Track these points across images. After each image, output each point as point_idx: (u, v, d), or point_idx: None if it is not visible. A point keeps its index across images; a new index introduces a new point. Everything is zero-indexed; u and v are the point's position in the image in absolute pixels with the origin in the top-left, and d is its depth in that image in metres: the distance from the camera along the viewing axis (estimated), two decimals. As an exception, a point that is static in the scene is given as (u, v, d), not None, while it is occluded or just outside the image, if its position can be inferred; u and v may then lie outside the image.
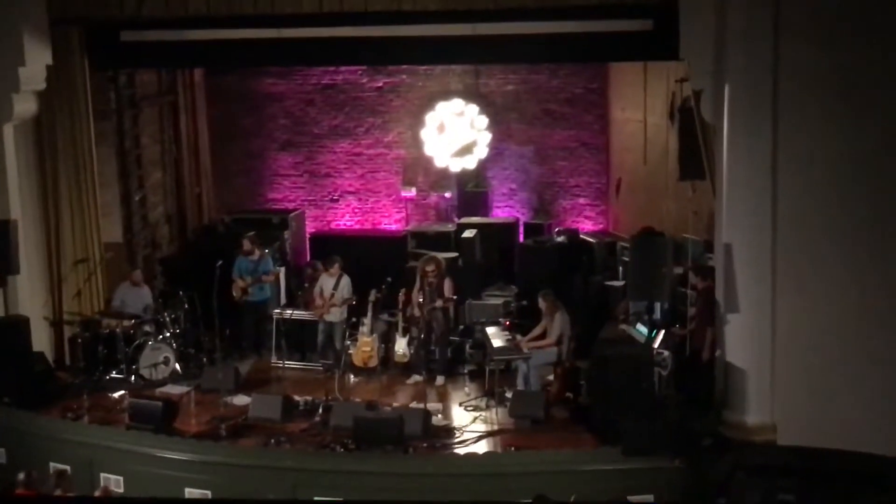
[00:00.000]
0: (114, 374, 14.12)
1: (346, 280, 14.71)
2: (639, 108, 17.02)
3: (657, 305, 12.92)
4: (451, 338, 14.74)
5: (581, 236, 17.69)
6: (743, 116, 11.65)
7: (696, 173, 13.35)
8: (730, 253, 11.85)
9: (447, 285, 14.23)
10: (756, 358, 11.85)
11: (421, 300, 14.11)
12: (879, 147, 11.19)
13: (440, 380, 14.15)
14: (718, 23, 11.72)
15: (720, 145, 11.95)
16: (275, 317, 15.06)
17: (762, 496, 10.69)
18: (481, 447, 12.25)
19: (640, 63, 16.30)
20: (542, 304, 13.71)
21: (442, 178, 19.05)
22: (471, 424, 12.80)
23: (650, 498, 10.95)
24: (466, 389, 13.88)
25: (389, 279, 14.63)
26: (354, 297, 14.61)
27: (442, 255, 15.99)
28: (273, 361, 14.93)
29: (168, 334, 14.43)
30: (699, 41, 11.99)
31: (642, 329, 12.98)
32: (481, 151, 18.64)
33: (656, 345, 12.55)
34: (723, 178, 11.93)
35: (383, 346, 14.62)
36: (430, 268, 14.23)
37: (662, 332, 12.78)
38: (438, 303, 14.09)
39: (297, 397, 13.33)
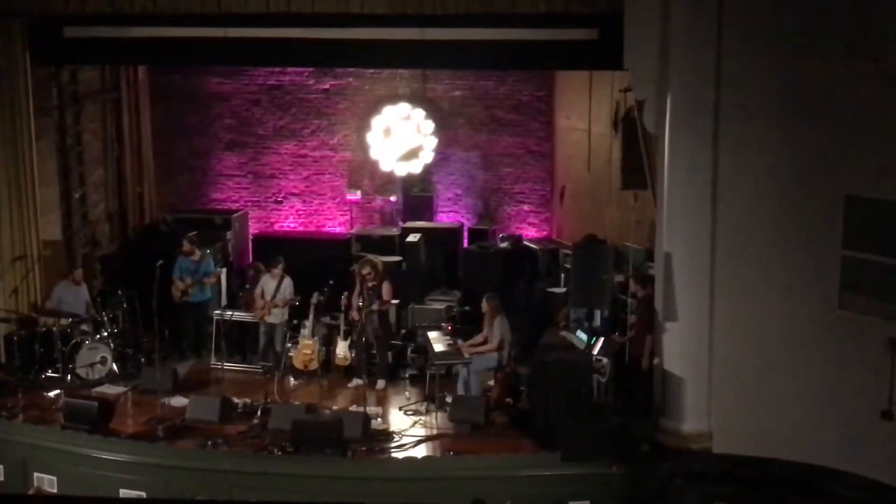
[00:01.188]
0: (50, 373, 13.95)
1: (287, 282, 14.64)
2: (584, 116, 17.15)
3: (597, 312, 13.03)
4: (393, 342, 14.74)
5: (524, 243, 17.77)
6: (684, 127, 11.78)
7: (638, 183, 13.49)
8: (669, 262, 11.97)
9: (385, 288, 14.22)
10: (694, 366, 11.98)
11: (360, 304, 14.07)
12: (819, 157, 11.35)
13: (381, 384, 14.14)
14: (662, 34, 11.85)
15: (662, 155, 12.07)
16: (215, 318, 14.95)
17: (698, 502, 10.83)
18: (421, 451, 12.27)
19: (586, 72, 16.43)
20: (484, 307, 13.75)
21: (387, 181, 19.04)
22: (410, 429, 12.81)
23: (587, 503, 11.03)
24: (407, 394, 13.88)
25: (332, 282, 14.58)
26: (297, 298, 14.55)
27: (386, 259, 16.00)
28: (212, 363, 14.83)
29: (106, 334, 14.28)
30: (643, 51, 12.12)
31: (582, 336, 13.07)
32: (427, 156, 18.67)
33: (596, 351, 12.63)
34: (664, 187, 12.06)
35: (324, 349, 14.57)
36: (365, 270, 14.20)
37: (602, 338, 12.86)
38: (375, 306, 14.07)
39: (235, 399, 13.26)
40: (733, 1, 11.53)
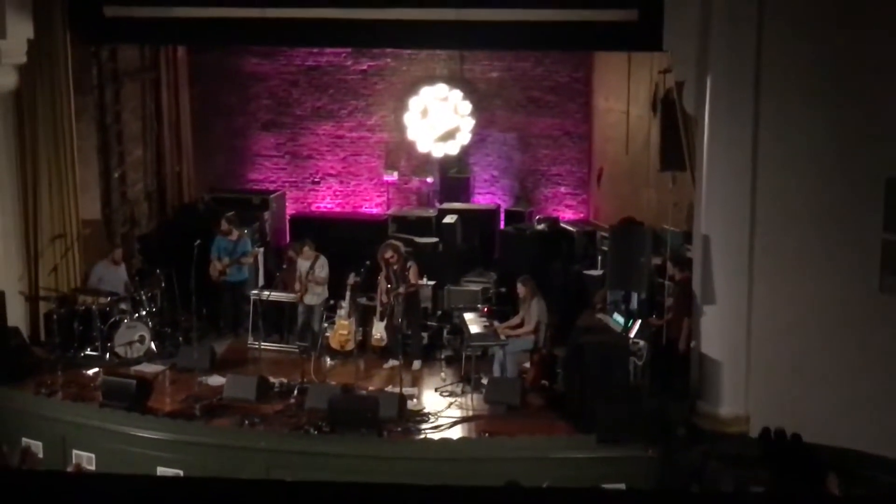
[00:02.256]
0: (89, 352, 14.06)
1: (321, 261, 14.67)
2: (622, 98, 17.04)
3: (634, 295, 12.95)
4: (429, 323, 14.75)
5: (561, 225, 17.71)
6: (724, 108, 11.68)
7: (676, 164, 13.38)
8: (708, 244, 11.89)
9: (412, 270, 14.22)
10: (731, 350, 11.91)
11: (389, 286, 14.10)
12: (859, 139, 11.24)
13: (417, 364, 14.16)
14: (702, 15, 11.74)
15: (701, 137, 11.98)
16: (252, 297, 15.01)
17: (734, 486, 10.76)
18: (456, 432, 12.27)
19: (625, 53, 16.32)
20: (520, 289, 13.72)
21: (424, 162, 19.03)
22: (446, 409, 12.82)
23: (623, 486, 10.99)
24: (443, 374, 13.89)
25: (368, 263, 14.59)
26: (325, 263, 14.60)
27: (422, 240, 16.00)
28: (249, 342, 14.89)
29: (144, 312, 14.36)
30: (683, 32, 12.02)
31: (619, 318, 13.01)
32: (464, 137, 18.64)
33: (632, 334, 12.58)
34: (703, 169, 11.97)
35: (360, 329, 14.59)
36: (388, 254, 14.19)
37: (639, 321, 12.80)
38: (402, 289, 14.07)
39: (272, 378, 13.32)
40: (774, -19, 11.42)
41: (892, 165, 11.06)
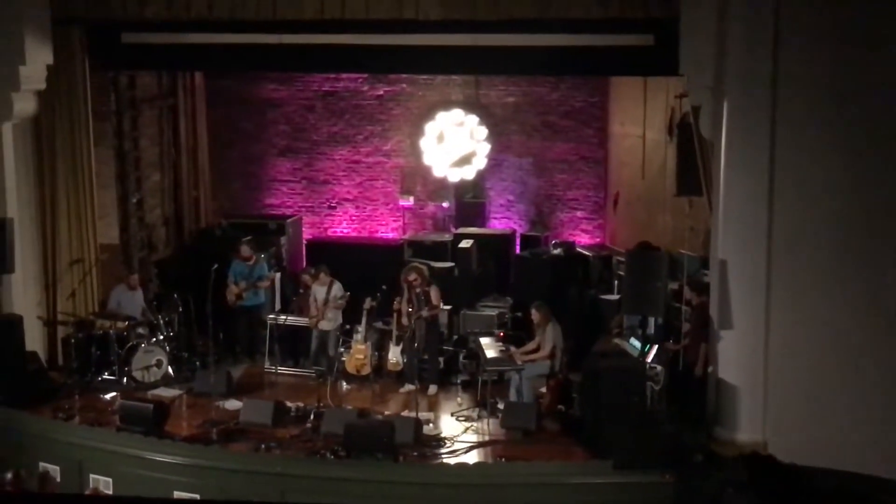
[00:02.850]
0: (106, 376, 14.12)
1: (337, 286, 14.71)
2: (638, 122, 17.05)
3: (651, 320, 12.94)
4: (445, 347, 14.74)
5: (577, 249, 17.67)
6: (741, 133, 11.68)
7: (693, 189, 13.38)
8: (725, 269, 11.86)
9: (433, 294, 14.23)
10: (749, 375, 11.86)
11: (410, 310, 14.11)
12: (876, 164, 11.22)
13: (433, 389, 14.15)
14: (718, 39, 11.76)
15: (717, 161, 11.97)
16: (269, 322, 15.06)
17: (752, 513, 10.70)
18: (472, 457, 12.25)
19: (641, 78, 16.34)
20: (534, 315, 13.71)
21: (440, 187, 19.04)
22: (462, 434, 12.80)
23: (639, 512, 10.95)
24: (459, 399, 13.88)
25: (384, 287, 14.61)
26: (346, 295, 14.61)
27: (438, 265, 16.01)
28: (266, 367, 14.94)
29: (161, 337, 14.42)
30: (699, 57, 12.04)
31: (636, 343, 12.99)
32: (480, 162, 18.65)
33: (649, 359, 12.55)
34: (719, 194, 11.96)
35: (376, 353, 14.60)
36: (412, 277, 14.22)
37: (656, 346, 12.77)
38: (424, 312, 14.08)
39: (288, 403, 13.33)
40: (790, 6, 11.42)
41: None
